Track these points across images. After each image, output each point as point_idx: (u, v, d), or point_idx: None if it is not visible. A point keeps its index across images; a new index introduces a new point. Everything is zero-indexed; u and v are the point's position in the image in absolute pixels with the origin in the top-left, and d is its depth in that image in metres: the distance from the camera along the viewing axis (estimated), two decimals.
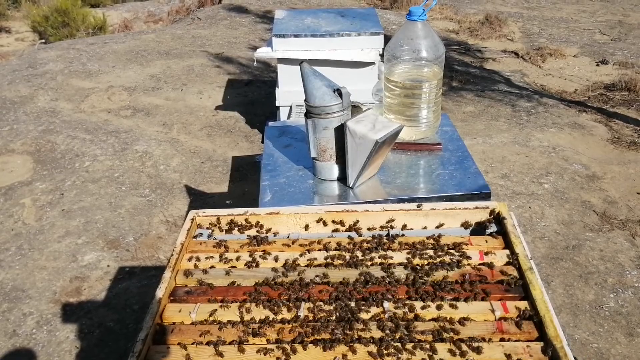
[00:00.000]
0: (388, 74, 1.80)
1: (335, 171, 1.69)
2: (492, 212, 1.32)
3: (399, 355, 0.97)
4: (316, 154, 1.68)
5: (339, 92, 1.61)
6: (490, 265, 1.17)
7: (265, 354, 0.99)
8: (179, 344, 1.03)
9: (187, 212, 1.40)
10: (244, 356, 0.99)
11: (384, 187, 1.68)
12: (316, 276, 1.16)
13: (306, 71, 1.63)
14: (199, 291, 1.15)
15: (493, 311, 1.05)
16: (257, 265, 1.22)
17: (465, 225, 1.32)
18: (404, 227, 1.32)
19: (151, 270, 2.87)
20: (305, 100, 1.63)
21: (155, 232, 3.15)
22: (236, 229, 1.34)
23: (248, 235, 1.31)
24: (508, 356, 0.96)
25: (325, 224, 1.33)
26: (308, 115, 1.64)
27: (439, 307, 1.06)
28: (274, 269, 1.19)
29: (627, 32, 6.06)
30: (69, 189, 3.53)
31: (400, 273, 1.16)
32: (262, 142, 3.41)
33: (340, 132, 1.61)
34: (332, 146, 1.65)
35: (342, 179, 1.69)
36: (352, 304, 1.08)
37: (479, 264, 1.18)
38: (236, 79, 5.08)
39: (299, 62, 1.69)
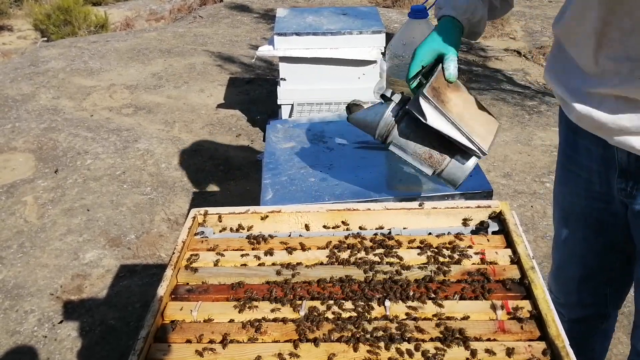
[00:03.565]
0: (390, 72, 1.79)
1: (463, 161, 1.36)
2: (494, 211, 1.32)
3: (400, 355, 0.97)
4: (432, 167, 1.37)
5: (383, 97, 1.40)
6: (491, 264, 1.17)
7: (267, 353, 0.99)
8: (180, 342, 1.03)
9: (189, 210, 1.40)
10: (247, 354, 0.99)
11: (386, 185, 1.68)
12: (318, 275, 1.16)
13: (353, 119, 1.46)
14: (200, 289, 1.15)
15: (495, 310, 1.05)
16: (259, 263, 1.22)
17: (466, 224, 1.32)
18: (406, 226, 1.32)
19: (152, 268, 2.88)
20: (375, 139, 1.42)
21: (156, 230, 3.15)
22: (238, 227, 1.34)
23: (249, 234, 1.31)
24: (509, 355, 0.95)
25: (326, 222, 1.33)
26: (387, 147, 1.40)
27: (439, 306, 1.06)
28: (276, 268, 1.19)
29: None
30: (71, 186, 3.54)
31: (401, 272, 1.15)
32: (264, 140, 3.41)
33: (415, 128, 1.35)
34: (429, 146, 1.36)
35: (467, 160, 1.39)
36: (353, 304, 1.08)
37: (480, 263, 1.18)
38: (238, 77, 5.08)
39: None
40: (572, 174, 1.47)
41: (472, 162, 1.35)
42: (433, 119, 1.27)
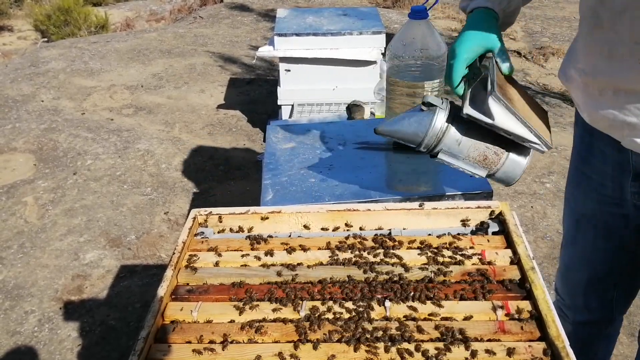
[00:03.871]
0: (390, 72, 1.80)
1: (519, 160, 1.28)
2: (494, 211, 1.32)
3: (401, 355, 0.97)
4: (486, 169, 1.29)
5: (426, 104, 1.27)
6: (491, 265, 1.17)
7: (267, 353, 0.99)
8: (180, 342, 1.03)
9: (189, 211, 1.40)
10: (247, 355, 0.99)
11: (386, 186, 1.68)
12: (318, 275, 1.16)
13: (386, 130, 1.35)
14: (200, 290, 1.15)
15: (495, 311, 1.05)
16: (259, 264, 1.22)
17: (467, 224, 1.32)
18: (406, 226, 1.32)
19: (153, 268, 2.88)
20: (416, 149, 1.32)
21: (156, 230, 3.15)
22: (238, 227, 1.34)
23: (250, 234, 1.31)
24: (509, 355, 0.95)
25: (326, 222, 1.33)
26: (434, 155, 1.31)
27: (440, 307, 1.06)
28: (276, 268, 1.19)
29: None
30: (71, 187, 3.54)
31: (401, 272, 1.15)
32: (264, 141, 3.41)
33: (466, 132, 1.27)
34: (483, 148, 1.27)
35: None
36: (353, 304, 1.08)
37: (481, 264, 1.18)
38: (238, 77, 5.08)
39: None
40: (585, 177, 1.45)
41: (528, 158, 1.28)
42: (503, 119, 1.18)
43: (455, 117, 1.26)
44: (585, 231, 1.52)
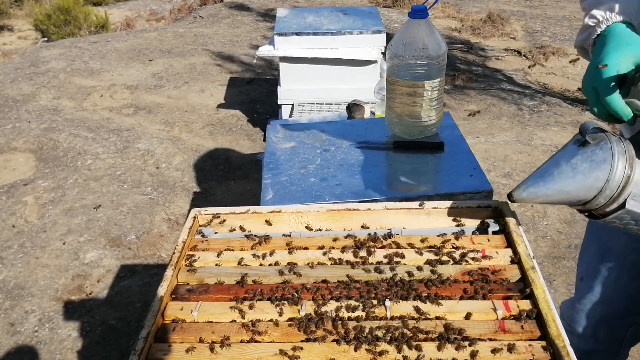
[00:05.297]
0: (390, 72, 1.79)
1: None
2: (494, 210, 1.32)
3: (400, 354, 0.97)
4: None
5: (582, 142, 1.00)
6: (492, 264, 1.17)
7: (267, 353, 0.99)
8: (180, 342, 1.03)
9: (189, 210, 1.40)
10: (247, 354, 0.99)
11: (386, 185, 1.68)
12: (318, 275, 1.16)
13: (535, 194, 1.05)
14: (200, 289, 1.15)
15: (495, 310, 1.05)
16: (259, 263, 1.22)
17: (467, 223, 1.32)
18: (406, 225, 1.32)
19: (153, 268, 2.88)
20: (586, 207, 1.03)
21: (157, 230, 3.15)
22: (238, 227, 1.34)
23: (249, 234, 1.31)
24: (509, 355, 0.95)
25: (327, 222, 1.33)
26: (615, 210, 1.01)
27: (440, 306, 1.06)
28: (276, 268, 1.19)
29: None
30: (71, 187, 3.54)
31: (402, 272, 1.15)
32: (264, 140, 3.41)
33: None
34: None
35: None
36: (354, 303, 1.08)
37: (481, 263, 1.18)
38: (238, 77, 5.08)
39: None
40: None
41: None
42: None
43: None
44: (610, 269, 1.45)
